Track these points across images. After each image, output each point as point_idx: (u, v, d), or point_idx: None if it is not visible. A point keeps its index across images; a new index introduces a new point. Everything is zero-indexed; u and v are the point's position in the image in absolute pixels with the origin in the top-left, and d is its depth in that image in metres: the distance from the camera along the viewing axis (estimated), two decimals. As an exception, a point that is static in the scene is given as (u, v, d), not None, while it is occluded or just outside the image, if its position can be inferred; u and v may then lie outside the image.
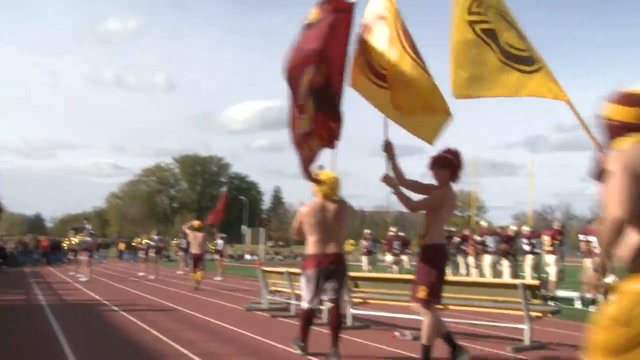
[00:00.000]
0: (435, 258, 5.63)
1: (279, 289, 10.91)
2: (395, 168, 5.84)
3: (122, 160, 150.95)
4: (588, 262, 11.88)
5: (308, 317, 6.34)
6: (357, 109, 7.00)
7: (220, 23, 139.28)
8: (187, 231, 16.60)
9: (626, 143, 2.85)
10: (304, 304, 6.34)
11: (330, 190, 6.29)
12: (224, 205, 18.92)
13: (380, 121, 5.91)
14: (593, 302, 11.58)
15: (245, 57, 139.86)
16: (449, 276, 7.26)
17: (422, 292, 5.50)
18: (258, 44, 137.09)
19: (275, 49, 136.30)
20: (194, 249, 15.95)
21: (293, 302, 10.01)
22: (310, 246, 6.26)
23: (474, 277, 14.43)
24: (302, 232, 6.37)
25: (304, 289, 6.32)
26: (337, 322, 6.14)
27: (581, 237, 12.33)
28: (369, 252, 19.20)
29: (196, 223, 16.56)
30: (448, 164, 5.64)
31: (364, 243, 19.74)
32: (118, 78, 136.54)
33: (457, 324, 8.37)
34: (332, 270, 6.14)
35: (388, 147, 5.80)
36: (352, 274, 9.09)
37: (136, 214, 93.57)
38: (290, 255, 56.11)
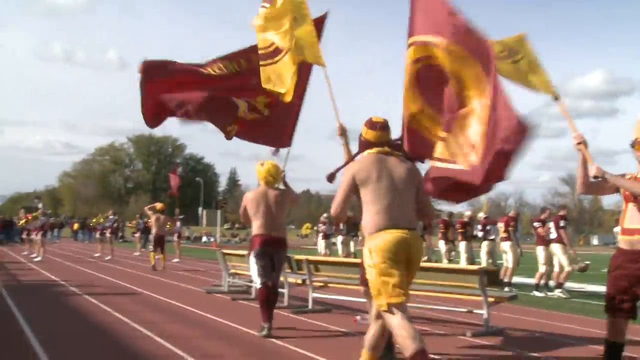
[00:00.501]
0: None
1: (239, 272, 10.91)
2: (350, 153, 5.85)
3: (74, 139, 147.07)
4: (540, 250, 12.23)
5: (266, 296, 6.58)
6: (311, 92, 7.06)
7: (175, 0, 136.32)
8: (149, 212, 16.41)
9: (367, 154, 4.37)
10: (257, 284, 6.70)
11: (272, 178, 6.91)
12: (175, 174, 18.71)
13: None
14: (546, 287, 11.96)
15: (201, 35, 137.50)
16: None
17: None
18: (214, 23, 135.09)
19: (231, 27, 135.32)
20: (156, 230, 15.90)
21: (254, 285, 10.04)
22: (256, 229, 6.80)
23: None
24: (247, 216, 6.96)
25: (253, 269, 6.73)
26: (274, 299, 6.68)
27: (535, 224, 12.65)
28: (326, 236, 19.32)
29: (159, 205, 16.47)
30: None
31: (321, 227, 19.85)
32: (67, 54, 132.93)
33: (416, 309, 8.55)
34: (273, 252, 6.68)
35: (342, 132, 5.85)
36: (312, 257, 9.22)
37: (90, 193, 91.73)
38: (247, 238, 55.99)
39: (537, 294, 11.70)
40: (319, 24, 6.75)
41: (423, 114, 5.04)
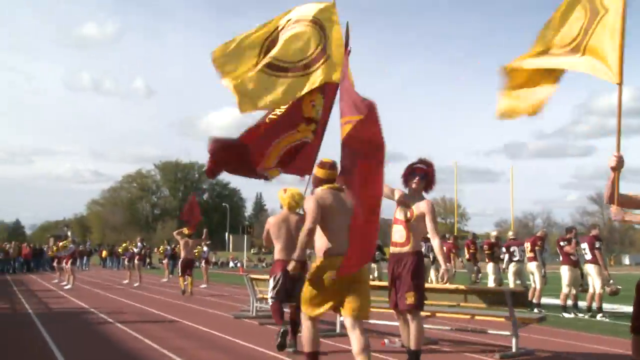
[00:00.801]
0: (419, 265, 5.90)
1: (267, 296, 10.94)
2: None
3: (102, 167, 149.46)
4: (565, 270, 12.06)
5: (278, 307, 7.24)
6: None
7: (199, 27, 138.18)
8: (177, 237, 16.66)
9: (320, 189, 5.26)
10: (271, 300, 7.35)
11: (295, 203, 7.37)
12: (194, 205, 18.70)
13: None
14: (575, 307, 11.79)
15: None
16: (436, 283, 7.37)
17: (410, 298, 5.75)
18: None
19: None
20: (185, 255, 16.21)
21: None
22: (277, 253, 7.28)
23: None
24: (269, 240, 7.47)
25: (270, 289, 7.28)
26: (297, 319, 6.70)
27: (562, 243, 12.47)
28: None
29: (186, 230, 16.68)
30: (424, 174, 5.99)
31: None
32: (96, 83, 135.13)
33: (444, 331, 8.51)
34: (295, 276, 6.53)
35: None
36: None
37: (117, 221, 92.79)
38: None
39: (565, 315, 11.54)
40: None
41: None
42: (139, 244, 22.10)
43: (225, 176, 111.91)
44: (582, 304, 12.10)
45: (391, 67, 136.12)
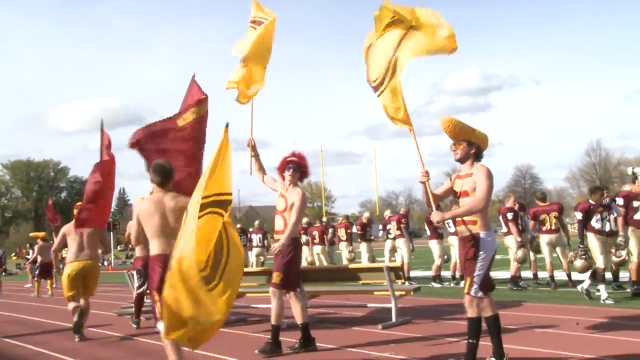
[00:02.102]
0: (294, 249, 6.39)
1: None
2: (258, 163, 6.91)
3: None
4: (434, 243, 13.04)
5: (140, 300, 8.92)
6: (223, 106, 7.51)
7: (45, 17, 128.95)
8: (39, 241, 16.31)
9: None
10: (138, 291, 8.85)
11: None
12: (51, 210, 18.10)
13: (243, 118, 6.60)
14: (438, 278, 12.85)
15: (75, 53, 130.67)
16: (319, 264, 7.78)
17: (276, 278, 6.26)
18: (89, 39, 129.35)
19: (108, 43, 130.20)
20: (42, 259, 16.75)
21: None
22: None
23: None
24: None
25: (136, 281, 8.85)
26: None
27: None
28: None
29: (41, 234, 17.35)
30: (297, 166, 6.53)
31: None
32: None
33: (330, 308, 9.04)
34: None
35: (252, 145, 6.85)
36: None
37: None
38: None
39: (435, 285, 12.55)
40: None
41: None
42: (-1, 250, 20.79)
43: (83, 172, 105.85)
44: (446, 274, 13.20)
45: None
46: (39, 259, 17.04)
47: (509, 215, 11.23)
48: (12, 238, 76.56)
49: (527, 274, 12.01)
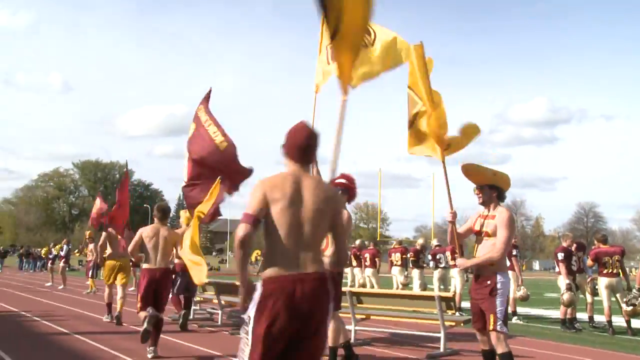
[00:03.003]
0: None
1: (204, 298, 11.30)
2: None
3: (13, 164, 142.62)
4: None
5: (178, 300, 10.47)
6: (257, 119, 7.90)
7: (121, 24, 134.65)
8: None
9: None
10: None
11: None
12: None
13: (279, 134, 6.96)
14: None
15: (147, 60, 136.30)
16: (373, 288, 7.87)
17: None
18: (160, 48, 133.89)
19: (177, 53, 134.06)
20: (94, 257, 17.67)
21: (219, 312, 10.46)
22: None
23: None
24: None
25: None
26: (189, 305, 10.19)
27: None
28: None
29: (87, 233, 18.81)
30: (343, 189, 6.56)
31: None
32: (7, 76, 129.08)
33: (378, 332, 9.10)
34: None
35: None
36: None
37: (32, 221, 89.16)
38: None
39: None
40: None
41: None
42: (64, 246, 21.67)
43: (147, 176, 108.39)
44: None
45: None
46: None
47: (559, 256, 11.09)
48: (76, 235, 79.28)
49: (583, 315, 11.70)
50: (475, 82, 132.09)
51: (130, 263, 11.35)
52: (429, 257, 14.76)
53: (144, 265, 7.57)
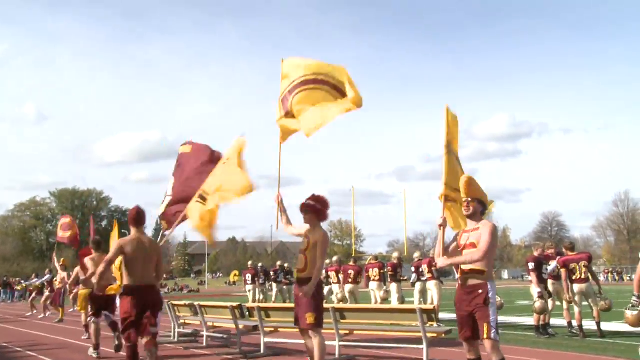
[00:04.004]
0: (320, 288, 6.58)
1: (188, 321, 11.14)
2: (285, 217, 7.05)
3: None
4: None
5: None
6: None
7: (95, 53, 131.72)
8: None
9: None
10: None
11: None
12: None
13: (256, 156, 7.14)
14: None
15: (121, 88, 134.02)
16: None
17: (310, 318, 6.29)
18: (133, 75, 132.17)
19: (151, 81, 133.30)
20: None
21: (205, 333, 10.32)
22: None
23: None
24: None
25: None
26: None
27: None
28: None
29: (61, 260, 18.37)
30: (312, 210, 6.59)
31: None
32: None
33: (362, 347, 9.06)
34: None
35: (280, 201, 7.04)
36: (263, 305, 9.58)
37: (9, 251, 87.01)
38: (176, 288, 55.00)
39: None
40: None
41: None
42: (47, 275, 21.29)
43: (124, 202, 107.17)
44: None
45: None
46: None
47: (530, 265, 11.17)
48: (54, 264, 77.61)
49: (561, 321, 11.74)
50: (440, 101, 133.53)
51: None
52: (412, 268, 14.72)
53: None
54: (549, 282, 11.55)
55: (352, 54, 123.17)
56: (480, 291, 5.12)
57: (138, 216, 6.83)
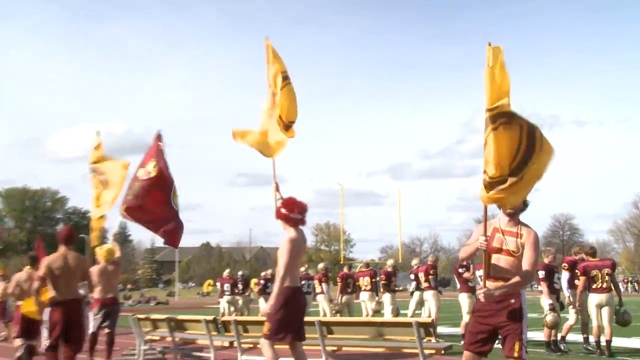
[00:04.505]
0: (284, 298, 6.60)
1: (155, 337, 11.12)
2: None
3: None
4: (464, 297, 12.91)
5: (95, 339, 9.85)
6: (205, 138, 8.21)
7: (48, 32, 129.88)
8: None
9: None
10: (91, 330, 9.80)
11: (110, 257, 10.14)
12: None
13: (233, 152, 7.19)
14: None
15: (79, 72, 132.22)
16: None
17: (264, 327, 6.58)
18: (93, 58, 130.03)
19: (114, 64, 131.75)
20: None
21: (174, 350, 10.30)
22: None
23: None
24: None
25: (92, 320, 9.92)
26: (112, 342, 9.77)
27: (460, 270, 13.11)
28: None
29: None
30: (277, 215, 6.83)
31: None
32: None
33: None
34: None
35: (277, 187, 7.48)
36: (240, 318, 9.58)
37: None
38: (142, 300, 54.74)
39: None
40: None
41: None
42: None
43: (83, 203, 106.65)
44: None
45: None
46: None
47: (540, 274, 10.98)
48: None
49: (576, 336, 11.74)
50: (438, 89, 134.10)
51: None
52: (412, 276, 14.76)
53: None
54: (569, 292, 11.37)
55: (340, 36, 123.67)
56: (512, 301, 4.98)
57: (69, 237, 8.08)
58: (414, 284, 14.59)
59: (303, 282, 17.43)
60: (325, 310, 16.25)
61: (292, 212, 6.70)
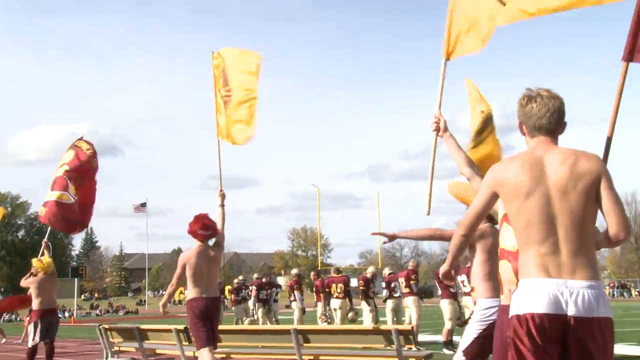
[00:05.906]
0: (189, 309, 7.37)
1: (125, 348, 11.07)
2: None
3: None
4: (445, 303, 13.07)
5: (34, 353, 10.02)
6: (175, 139, 8.39)
7: (3, 26, 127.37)
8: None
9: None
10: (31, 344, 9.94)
11: (48, 268, 10.46)
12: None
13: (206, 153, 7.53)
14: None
15: (40, 71, 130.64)
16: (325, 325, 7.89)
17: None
18: (55, 55, 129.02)
19: (77, 62, 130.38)
20: None
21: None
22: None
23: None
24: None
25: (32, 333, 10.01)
26: (52, 353, 10.09)
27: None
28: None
29: None
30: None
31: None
32: None
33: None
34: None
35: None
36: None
37: None
38: (110, 309, 54.41)
39: (446, 351, 12.57)
40: None
41: None
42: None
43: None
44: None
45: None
46: None
47: None
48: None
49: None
50: (419, 88, 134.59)
51: None
52: (383, 284, 14.87)
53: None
54: None
55: (316, 33, 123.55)
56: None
57: None
58: (385, 292, 14.70)
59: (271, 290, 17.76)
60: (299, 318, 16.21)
61: (194, 227, 7.53)
